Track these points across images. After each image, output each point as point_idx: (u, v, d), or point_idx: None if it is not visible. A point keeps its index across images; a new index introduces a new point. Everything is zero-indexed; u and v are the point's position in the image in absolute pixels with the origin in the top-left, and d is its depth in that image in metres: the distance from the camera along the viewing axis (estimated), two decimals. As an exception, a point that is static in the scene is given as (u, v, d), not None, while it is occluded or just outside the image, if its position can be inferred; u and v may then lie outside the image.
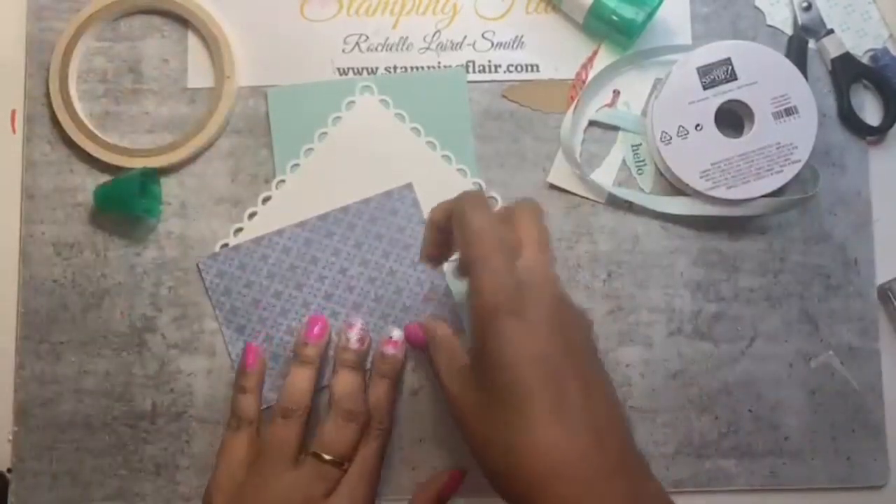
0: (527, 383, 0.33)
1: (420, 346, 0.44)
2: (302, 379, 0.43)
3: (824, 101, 0.48)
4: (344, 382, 0.43)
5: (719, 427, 0.46)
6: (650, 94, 0.47)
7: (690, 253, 0.47)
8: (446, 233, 0.38)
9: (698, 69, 0.45)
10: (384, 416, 0.43)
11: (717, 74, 0.45)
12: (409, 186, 0.47)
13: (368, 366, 0.45)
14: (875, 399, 0.47)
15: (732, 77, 0.45)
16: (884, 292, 0.47)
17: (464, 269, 0.35)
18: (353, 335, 0.44)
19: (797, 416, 0.47)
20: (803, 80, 0.45)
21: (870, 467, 0.47)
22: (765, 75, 0.45)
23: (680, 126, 0.45)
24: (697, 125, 0.45)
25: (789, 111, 0.45)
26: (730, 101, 0.45)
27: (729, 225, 0.47)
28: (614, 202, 0.47)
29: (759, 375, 0.47)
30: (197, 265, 0.46)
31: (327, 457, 0.41)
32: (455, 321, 0.46)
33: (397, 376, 0.45)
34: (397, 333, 0.45)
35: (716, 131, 0.45)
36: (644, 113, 0.47)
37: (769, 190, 0.45)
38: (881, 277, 0.48)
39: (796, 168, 0.45)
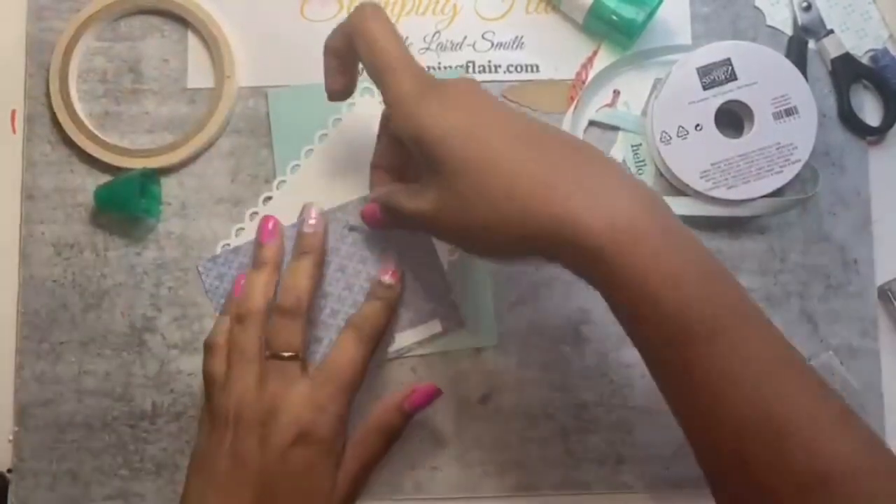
0: (486, 157, 0.34)
1: (379, 226, 0.43)
2: (256, 282, 0.43)
3: (824, 102, 0.48)
4: (289, 275, 0.43)
5: (719, 427, 0.46)
6: (650, 95, 0.47)
7: (690, 253, 0.47)
8: (347, 59, 0.39)
9: (698, 69, 0.45)
10: (373, 326, 0.43)
11: (717, 75, 0.45)
12: None
13: (405, 344, 0.46)
14: (875, 399, 0.47)
15: (732, 77, 0.45)
16: (884, 292, 0.47)
17: (375, 80, 0.37)
18: (310, 219, 0.44)
19: (797, 416, 0.46)
20: (803, 80, 0.45)
21: (870, 467, 0.46)
22: (765, 76, 0.45)
23: (680, 126, 0.45)
24: (697, 125, 0.45)
25: (789, 111, 0.45)
26: (730, 102, 0.45)
27: (729, 225, 0.47)
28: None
29: (759, 375, 0.47)
30: (196, 268, 0.46)
31: (284, 353, 0.41)
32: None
33: (392, 303, 0.44)
34: (396, 267, 0.45)
35: (716, 131, 0.45)
36: (644, 113, 0.47)
37: (769, 190, 0.45)
38: (881, 277, 0.48)
39: (796, 168, 0.45)
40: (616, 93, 0.48)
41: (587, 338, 0.47)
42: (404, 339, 0.46)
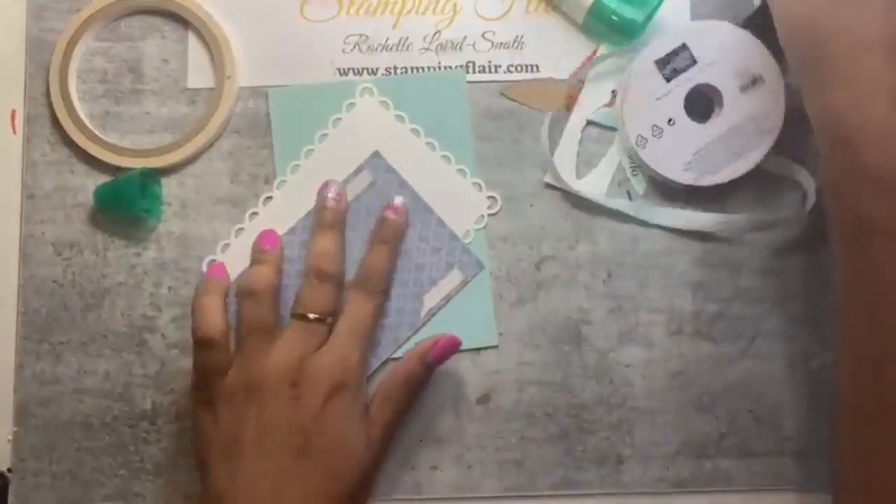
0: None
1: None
2: (262, 269, 0.44)
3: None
4: (319, 243, 0.44)
5: (720, 427, 0.46)
6: (618, 102, 0.47)
7: (691, 253, 0.47)
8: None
9: (657, 62, 0.45)
10: (381, 279, 0.44)
11: (676, 63, 0.45)
12: (375, 154, 0.47)
13: (435, 302, 0.46)
14: (875, 399, 0.47)
15: (693, 62, 0.45)
16: (884, 292, 0.47)
17: None
18: (330, 193, 0.45)
19: (797, 416, 0.47)
20: (760, 45, 0.45)
21: (870, 467, 0.47)
22: (723, 52, 0.44)
23: (653, 125, 0.45)
24: (670, 120, 0.45)
25: (755, 81, 0.44)
26: (696, 87, 0.45)
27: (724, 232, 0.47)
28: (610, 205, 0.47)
29: (760, 375, 0.47)
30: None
31: (311, 315, 0.42)
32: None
33: (397, 242, 0.45)
34: (399, 199, 0.46)
35: (689, 121, 0.45)
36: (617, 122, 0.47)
37: (753, 164, 0.45)
38: (881, 277, 0.47)
39: (774, 136, 0.45)
40: (615, 93, 0.48)
41: (587, 338, 0.47)
42: (431, 298, 0.46)
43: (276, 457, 0.40)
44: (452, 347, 0.44)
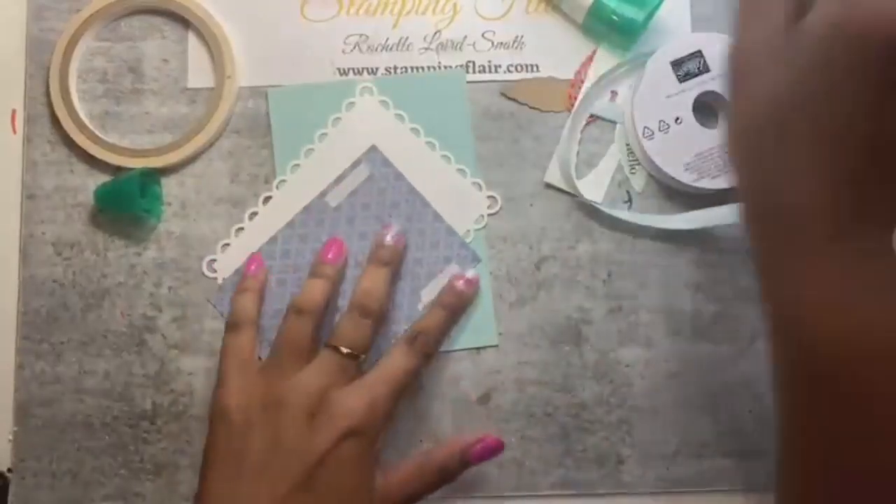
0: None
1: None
2: (316, 285, 0.43)
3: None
4: (368, 278, 0.43)
5: (719, 427, 0.46)
6: (627, 94, 0.48)
7: (690, 252, 0.47)
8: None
9: (672, 63, 0.46)
10: (432, 340, 0.43)
11: (690, 67, 0.46)
12: (373, 148, 0.47)
13: (433, 296, 0.46)
14: (875, 399, 0.47)
15: (705, 69, 0.46)
16: (884, 292, 0.47)
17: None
18: (389, 234, 0.45)
19: (797, 416, 0.47)
20: None
21: (870, 467, 0.46)
22: None
23: (661, 120, 0.46)
24: (677, 118, 0.46)
25: None
26: (705, 93, 0.46)
27: (728, 224, 0.47)
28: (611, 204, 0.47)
29: (759, 375, 0.47)
30: (208, 300, 0.46)
31: (344, 349, 0.41)
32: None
33: (458, 311, 0.45)
34: (472, 273, 0.45)
35: (696, 123, 0.46)
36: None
37: None
38: (881, 277, 0.47)
39: None
40: (614, 93, 0.48)
41: (587, 338, 0.47)
42: (428, 293, 0.46)
43: (276, 483, 0.38)
44: (495, 451, 0.43)
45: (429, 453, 0.43)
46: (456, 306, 0.45)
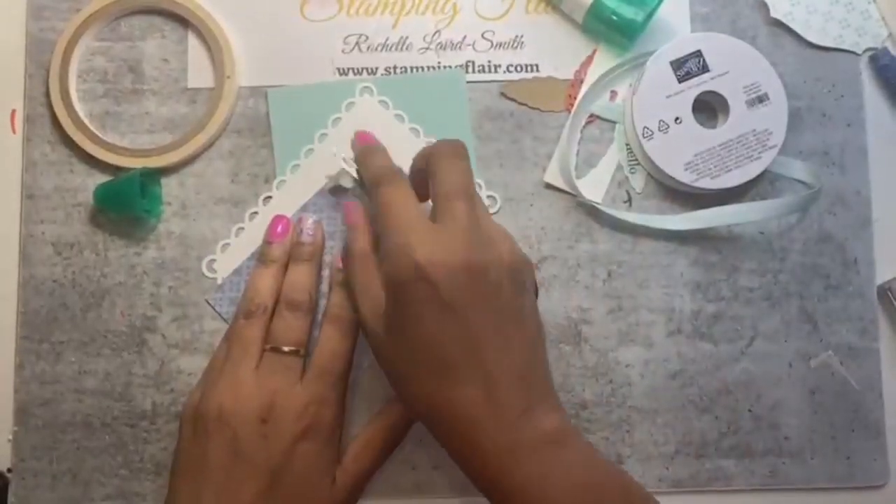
0: (439, 356, 0.36)
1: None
2: (264, 277, 0.43)
3: (826, 101, 0.48)
4: (291, 275, 0.44)
5: (719, 427, 0.46)
6: (627, 94, 0.48)
7: (690, 252, 0.47)
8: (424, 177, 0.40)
9: (672, 63, 0.46)
10: (340, 302, 0.43)
11: (689, 67, 0.46)
12: None
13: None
14: (875, 399, 0.47)
15: (705, 69, 0.46)
16: (884, 292, 0.47)
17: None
18: (306, 228, 0.45)
19: (797, 415, 0.47)
20: (770, 67, 0.46)
21: (869, 467, 0.47)
22: (734, 65, 0.46)
23: (660, 120, 0.46)
24: (677, 118, 0.46)
25: (761, 98, 0.46)
26: (705, 93, 0.46)
27: (729, 224, 0.47)
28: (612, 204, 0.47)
29: (759, 375, 0.47)
30: (207, 301, 0.46)
31: (285, 348, 0.41)
32: None
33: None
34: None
35: (695, 123, 0.46)
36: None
37: (751, 177, 0.46)
38: (881, 277, 0.48)
39: (773, 153, 0.46)
40: (613, 93, 0.48)
41: (587, 338, 0.47)
42: None
43: (240, 493, 0.39)
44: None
45: (370, 421, 0.43)
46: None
